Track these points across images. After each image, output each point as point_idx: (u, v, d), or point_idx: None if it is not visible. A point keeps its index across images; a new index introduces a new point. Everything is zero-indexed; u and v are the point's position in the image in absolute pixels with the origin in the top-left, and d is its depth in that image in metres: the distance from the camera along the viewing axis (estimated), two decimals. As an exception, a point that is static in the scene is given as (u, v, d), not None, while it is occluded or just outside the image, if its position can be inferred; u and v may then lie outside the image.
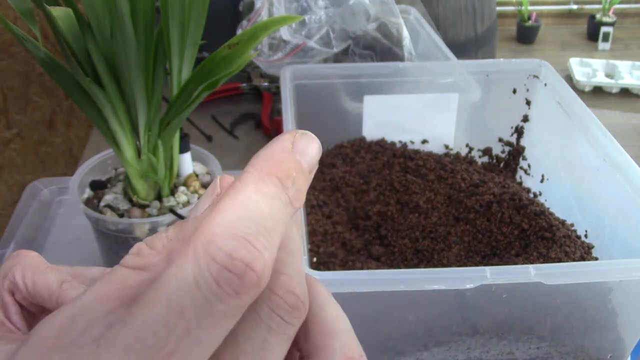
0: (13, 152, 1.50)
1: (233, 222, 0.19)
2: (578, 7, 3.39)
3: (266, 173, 0.20)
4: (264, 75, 1.04)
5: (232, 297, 0.18)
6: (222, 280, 0.18)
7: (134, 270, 0.20)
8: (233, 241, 0.18)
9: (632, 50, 3.22)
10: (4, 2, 1.16)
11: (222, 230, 0.19)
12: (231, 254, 0.18)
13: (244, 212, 0.19)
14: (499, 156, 0.80)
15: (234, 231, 0.19)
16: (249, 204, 0.19)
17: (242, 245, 0.18)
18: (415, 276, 0.48)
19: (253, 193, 0.20)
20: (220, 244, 0.18)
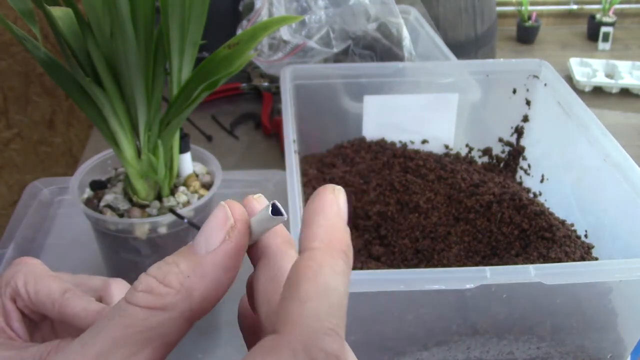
0: (13, 152, 1.50)
1: (323, 313, 0.19)
2: (578, 7, 3.39)
3: (335, 249, 0.21)
4: (264, 75, 1.04)
5: None
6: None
7: (152, 310, 0.20)
8: (328, 337, 0.19)
9: (632, 50, 3.22)
10: (4, 2, 1.16)
11: (319, 324, 0.19)
12: (327, 351, 0.19)
13: (329, 300, 0.20)
14: (499, 156, 0.80)
15: (327, 325, 0.19)
16: (331, 291, 0.20)
17: (335, 340, 0.19)
18: (415, 276, 0.48)
19: (331, 276, 0.20)
20: (319, 343, 0.19)
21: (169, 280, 0.21)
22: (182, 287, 0.21)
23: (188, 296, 0.21)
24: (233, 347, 0.59)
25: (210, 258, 0.21)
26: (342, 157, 0.74)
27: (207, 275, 0.21)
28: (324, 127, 0.78)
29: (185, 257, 0.22)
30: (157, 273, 0.21)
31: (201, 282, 0.21)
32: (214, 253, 0.22)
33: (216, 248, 0.22)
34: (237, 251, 0.22)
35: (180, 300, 0.21)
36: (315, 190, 0.22)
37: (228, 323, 0.61)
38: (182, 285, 0.21)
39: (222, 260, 0.22)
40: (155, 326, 0.20)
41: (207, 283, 0.21)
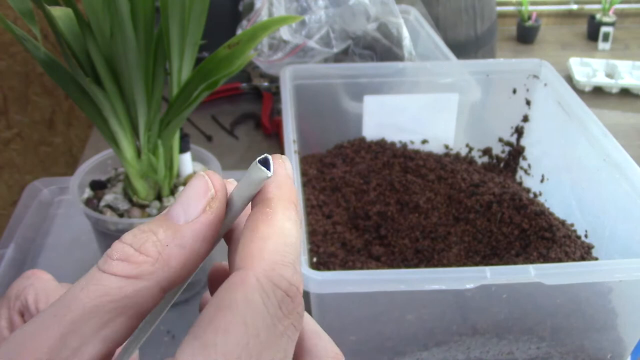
0: (13, 152, 1.50)
1: (282, 250, 0.21)
2: (578, 7, 3.39)
3: (287, 200, 0.22)
4: (264, 75, 1.04)
5: (287, 317, 0.20)
6: (283, 303, 0.20)
7: (128, 279, 0.20)
8: (289, 268, 0.20)
9: (632, 50, 3.22)
10: (4, 2, 1.16)
11: (278, 258, 0.20)
12: (290, 281, 0.20)
13: (285, 239, 0.21)
14: (499, 156, 0.80)
15: (287, 258, 0.21)
16: (286, 232, 0.21)
17: (294, 271, 0.21)
18: (415, 276, 0.48)
19: (285, 220, 0.21)
20: (281, 272, 0.20)
21: (146, 248, 0.21)
22: (160, 256, 0.21)
23: (166, 265, 0.21)
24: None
25: (189, 227, 0.21)
26: (342, 157, 0.74)
27: (185, 245, 0.21)
28: (324, 127, 0.78)
29: (163, 225, 0.21)
30: (134, 241, 0.21)
31: (180, 251, 0.21)
32: (194, 223, 0.21)
33: (196, 218, 0.21)
34: (216, 222, 0.22)
35: (158, 269, 0.20)
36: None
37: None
38: (160, 254, 0.21)
39: (202, 230, 0.21)
40: (130, 295, 0.20)
41: (186, 253, 0.21)
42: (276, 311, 0.20)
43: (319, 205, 0.66)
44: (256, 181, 0.22)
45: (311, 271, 0.47)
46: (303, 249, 0.50)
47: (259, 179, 0.22)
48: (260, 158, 0.22)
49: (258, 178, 0.22)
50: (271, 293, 0.20)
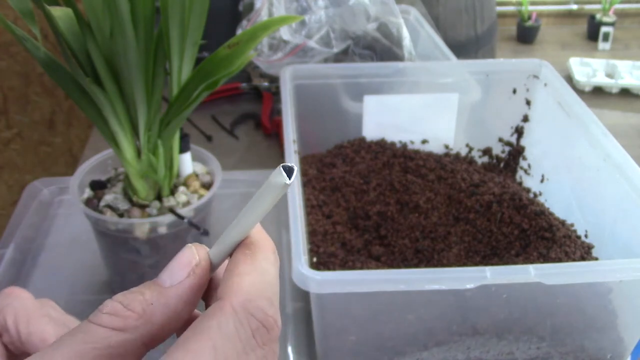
0: (13, 152, 1.50)
1: (259, 286, 0.22)
2: (578, 7, 3.39)
3: (266, 246, 0.24)
4: (264, 75, 1.04)
5: (261, 347, 0.22)
6: (257, 333, 0.21)
7: (113, 330, 0.22)
8: (265, 301, 0.22)
9: (632, 50, 3.22)
10: (4, 2, 1.16)
11: (255, 291, 0.22)
12: (266, 312, 0.22)
13: (263, 277, 0.23)
14: (499, 156, 0.80)
15: (264, 293, 0.22)
16: (264, 271, 0.23)
17: (271, 305, 0.22)
18: (415, 276, 0.48)
19: (264, 261, 0.24)
20: (257, 303, 0.22)
21: (133, 305, 0.23)
22: (145, 312, 0.23)
23: (149, 321, 0.23)
24: (233, 347, 0.59)
25: (173, 289, 0.23)
26: (342, 157, 0.74)
27: (168, 305, 0.23)
28: (324, 127, 0.78)
29: (150, 287, 0.24)
30: (123, 299, 0.23)
31: (162, 310, 0.23)
32: (178, 285, 0.24)
33: (180, 282, 0.24)
34: (198, 287, 0.24)
35: (141, 325, 0.23)
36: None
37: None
38: (145, 311, 0.23)
39: (185, 292, 0.24)
40: (114, 345, 0.22)
41: (168, 312, 0.23)
42: (249, 339, 0.21)
43: (319, 205, 0.66)
44: (277, 187, 0.23)
45: (311, 271, 0.47)
46: (303, 249, 0.50)
47: (279, 185, 0.23)
48: (282, 166, 0.23)
49: (279, 183, 0.22)
50: (245, 321, 0.21)
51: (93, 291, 0.66)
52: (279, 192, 0.23)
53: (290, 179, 0.22)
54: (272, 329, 0.22)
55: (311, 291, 0.48)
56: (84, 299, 0.64)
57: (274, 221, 0.75)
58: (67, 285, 0.66)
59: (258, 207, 0.24)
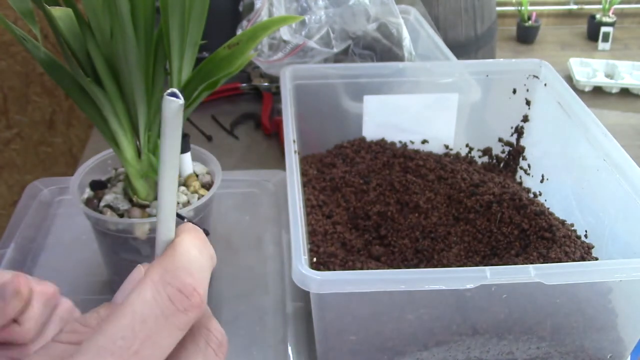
0: (13, 152, 1.50)
1: (179, 261, 0.25)
2: (578, 7, 3.39)
3: (195, 231, 0.27)
4: (264, 75, 1.04)
5: (183, 312, 0.24)
6: (175, 299, 0.24)
7: (71, 345, 0.24)
8: (183, 271, 0.25)
9: (632, 50, 3.22)
10: (4, 2, 1.16)
11: (174, 265, 0.25)
12: (183, 280, 0.24)
13: (186, 256, 0.25)
14: (499, 156, 0.80)
15: (182, 265, 0.25)
16: (189, 252, 0.26)
17: (189, 275, 0.25)
18: (415, 276, 0.48)
19: (189, 245, 0.26)
20: (174, 273, 0.24)
21: (89, 321, 0.25)
22: (97, 324, 0.25)
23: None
24: (233, 347, 0.59)
25: None
26: (342, 157, 0.74)
27: None
28: (324, 127, 0.78)
29: (105, 306, 0.26)
30: (81, 319, 0.25)
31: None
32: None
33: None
34: None
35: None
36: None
37: (228, 323, 0.62)
38: (97, 323, 0.25)
39: None
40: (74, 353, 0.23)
41: None
42: (167, 304, 0.24)
43: (319, 205, 0.66)
44: (174, 111, 0.25)
45: (311, 271, 0.47)
46: (303, 249, 0.50)
47: (175, 109, 0.24)
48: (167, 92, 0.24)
49: (174, 108, 0.24)
50: (162, 289, 0.24)
51: (93, 291, 0.66)
52: (179, 117, 0.25)
53: (180, 98, 0.24)
54: (191, 295, 0.24)
55: (311, 291, 0.48)
56: (84, 299, 0.64)
57: (274, 221, 0.75)
58: (67, 285, 0.66)
59: (170, 141, 0.25)
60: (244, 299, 0.64)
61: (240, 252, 0.70)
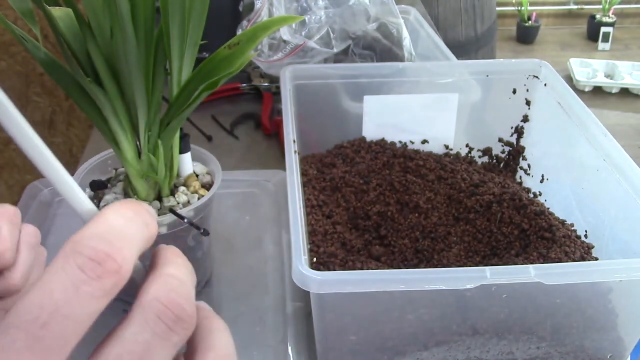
0: (13, 152, 1.50)
1: (94, 230, 0.24)
2: (578, 7, 3.39)
3: (122, 205, 0.26)
4: (264, 75, 1.04)
5: (97, 280, 0.23)
6: (88, 268, 0.23)
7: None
8: (96, 238, 0.23)
9: (632, 50, 3.22)
10: (4, 2, 1.16)
11: (85, 234, 0.24)
12: (94, 247, 0.23)
13: (103, 225, 0.24)
14: (499, 156, 0.80)
15: (97, 233, 0.24)
16: (108, 221, 0.25)
17: (103, 241, 0.23)
18: (415, 276, 0.48)
19: (111, 214, 0.25)
20: (85, 242, 0.23)
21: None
22: None
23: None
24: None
25: None
26: (342, 157, 0.74)
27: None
28: (324, 127, 0.78)
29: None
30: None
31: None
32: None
33: None
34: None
35: None
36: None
37: (228, 323, 0.61)
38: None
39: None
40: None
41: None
42: (76, 273, 0.22)
43: (319, 205, 0.66)
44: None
45: (311, 271, 0.47)
46: (303, 249, 0.50)
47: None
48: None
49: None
50: (71, 259, 0.23)
51: (93, 291, 0.66)
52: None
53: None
54: (103, 261, 0.23)
55: (311, 291, 0.48)
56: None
57: (274, 221, 0.75)
58: (67, 285, 0.66)
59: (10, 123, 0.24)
60: (244, 299, 0.64)
61: (240, 252, 0.70)
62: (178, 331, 0.24)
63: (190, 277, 0.26)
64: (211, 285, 0.66)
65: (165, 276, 0.25)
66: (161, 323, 0.24)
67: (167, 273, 0.25)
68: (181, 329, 0.24)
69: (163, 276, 0.25)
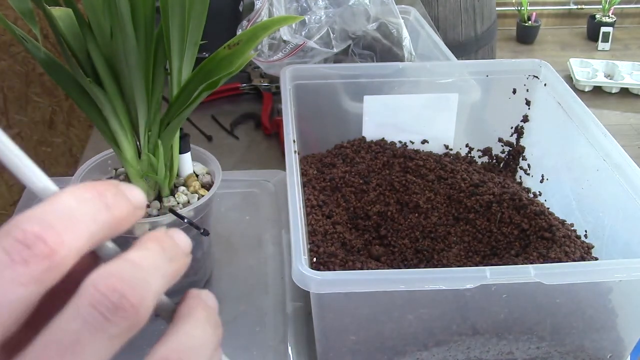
0: (13, 152, 1.49)
1: (36, 211, 0.21)
2: (578, 7, 3.39)
3: (86, 185, 0.23)
4: (264, 75, 1.04)
5: (22, 264, 0.20)
6: (13, 251, 0.20)
7: None
8: (29, 221, 0.21)
9: (632, 50, 3.22)
10: (4, 2, 1.16)
11: (25, 215, 0.21)
12: (25, 230, 0.21)
13: (49, 206, 0.22)
14: (499, 156, 0.80)
15: (36, 214, 0.21)
16: (58, 201, 0.22)
17: (37, 223, 0.21)
18: (415, 276, 0.48)
19: (66, 194, 0.22)
20: (19, 223, 0.21)
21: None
22: None
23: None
24: (233, 347, 0.59)
25: None
26: (342, 157, 0.74)
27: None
28: (324, 127, 0.78)
29: None
30: None
31: None
32: None
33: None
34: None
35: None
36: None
37: (228, 323, 0.62)
38: None
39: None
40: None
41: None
42: (4, 261, 0.20)
43: (319, 205, 0.66)
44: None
45: (311, 271, 0.47)
46: (303, 249, 0.50)
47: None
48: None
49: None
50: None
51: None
52: None
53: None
54: (33, 244, 0.21)
55: (311, 291, 0.48)
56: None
57: (274, 221, 0.75)
58: (67, 285, 0.66)
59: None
60: (244, 299, 0.64)
61: (240, 252, 0.70)
62: (117, 322, 0.21)
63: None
64: (211, 285, 0.66)
65: (119, 260, 0.22)
66: (94, 312, 0.21)
67: (124, 257, 0.23)
68: (121, 319, 0.21)
69: (116, 260, 0.22)
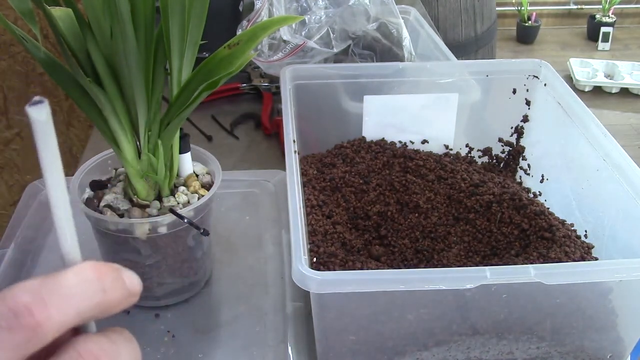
0: (13, 152, 1.50)
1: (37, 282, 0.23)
2: (578, 7, 3.39)
3: (93, 265, 0.26)
4: (264, 75, 1.04)
5: (7, 331, 0.21)
6: (2, 317, 0.22)
7: None
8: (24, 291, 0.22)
9: (632, 50, 3.22)
10: (4, 2, 1.16)
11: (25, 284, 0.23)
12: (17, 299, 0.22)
13: (49, 280, 0.23)
14: (499, 156, 0.80)
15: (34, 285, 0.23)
16: (59, 277, 0.24)
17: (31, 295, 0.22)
18: (415, 276, 0.48)
19: (71, 271, 0.24)
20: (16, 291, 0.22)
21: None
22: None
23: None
24: (233, 347, 0.59)
25: None
26: (342, 157, 0.74)
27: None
28: (324, 127, 0.78)
29: None
30: None
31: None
32: None
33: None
34: None
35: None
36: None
37: (228, 323, 0.61)
38: None
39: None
40: None
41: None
42: None
43: (319, 205, 0.66)
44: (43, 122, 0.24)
45: (311, 271, 0.47)
46: (303, 249, 0.50)
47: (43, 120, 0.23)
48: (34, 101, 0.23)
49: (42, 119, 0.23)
50: None
51: (93, 291, 0.66)
52: (49, 126, 0.23)
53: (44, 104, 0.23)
54: (20, 314, 0.22)
55: (311, 291, 0.48)
56: (84, 299, 0.64)
57: (274, 221, 0.75)
58: (67, 285, 0.66)
59: (47, 152, 0.24)
60: (244, 299, 0.64)
61: (240, 252, 0.70)
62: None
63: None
64: (211, 285, 0.66)
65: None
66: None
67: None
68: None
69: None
